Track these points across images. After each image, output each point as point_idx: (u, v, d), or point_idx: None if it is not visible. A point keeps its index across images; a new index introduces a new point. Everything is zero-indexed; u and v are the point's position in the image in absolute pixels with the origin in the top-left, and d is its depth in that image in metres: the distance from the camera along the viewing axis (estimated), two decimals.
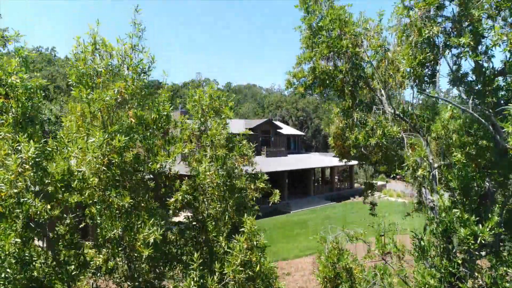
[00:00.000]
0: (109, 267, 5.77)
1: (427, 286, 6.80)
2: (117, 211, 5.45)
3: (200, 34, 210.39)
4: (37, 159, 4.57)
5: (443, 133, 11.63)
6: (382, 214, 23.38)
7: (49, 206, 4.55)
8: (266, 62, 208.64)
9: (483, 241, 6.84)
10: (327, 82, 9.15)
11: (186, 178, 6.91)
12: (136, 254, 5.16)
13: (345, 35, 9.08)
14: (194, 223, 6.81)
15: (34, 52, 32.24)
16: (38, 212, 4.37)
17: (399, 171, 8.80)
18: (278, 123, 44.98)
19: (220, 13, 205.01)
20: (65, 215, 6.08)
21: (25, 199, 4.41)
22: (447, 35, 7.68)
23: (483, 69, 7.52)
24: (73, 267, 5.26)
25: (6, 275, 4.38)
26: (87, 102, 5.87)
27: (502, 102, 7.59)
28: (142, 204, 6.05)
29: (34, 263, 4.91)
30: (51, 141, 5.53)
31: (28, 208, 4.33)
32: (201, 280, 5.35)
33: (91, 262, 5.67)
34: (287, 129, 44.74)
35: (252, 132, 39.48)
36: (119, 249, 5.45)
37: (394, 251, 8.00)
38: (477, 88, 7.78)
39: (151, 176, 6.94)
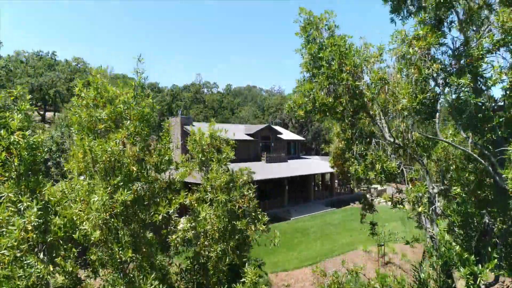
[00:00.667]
0: None
1: None
2: (119, 261, 5.49)
3: (200, 35, 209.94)
4: (39, 220, 4.60)
5: (443, 155, 11.67)
6: (381, 223, 23.32)
7: (51, 268, 4.59)
8: (267, 63, 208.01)
9: (482, 281, 6.90)
10: (327, 113, 9.18)
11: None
12: None
13: (345, 66, 9.09)
14: (195, 264, 6.86)
15: (35, 57, 32.54)
16: (41, 276, 4.42)
17: (400, 206, 8.85)
18: (278, 128, 45.01)
19: (221, 14, 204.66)
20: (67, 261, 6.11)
21: (28, 261, 4.46)
22: (446, 72, 7.70)
23: (483, 107, 7.55)
24: None
25: None
26: (89, 149, 5.90)
27: (501, 139, 7.62)
28: (144, 249, 6.08)
29: None
30: (53, 191, 5.56)
31: (30, 273, 4.37)
32: None
33: None
34: (287, 134, 44.77)
35: (252, 138, 39.51)
36: None
37: (395, 286, 8.03)
38: (476, 120, 7.80)
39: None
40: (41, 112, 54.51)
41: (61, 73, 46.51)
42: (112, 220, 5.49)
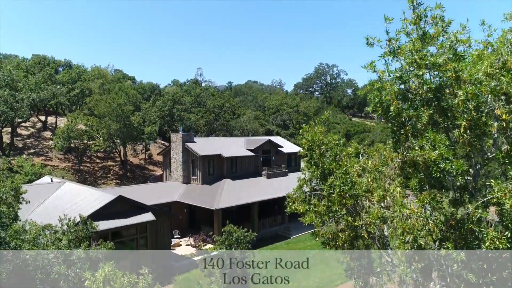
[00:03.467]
0: None
1: None
2: None
3: (199, 31, 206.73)
4: None
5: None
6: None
7: None
8: (266, 56, 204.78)
9: None
10: (327, 245, 9.50)
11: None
12: None
13: (345, 199, 9.30)
14: None
15: (36, 65, 32.48)
16: None
17: None
18: (278, 140, 45.26)
19: (221, 10, 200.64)
20: None
21: None
22: (442, 233, 7.95)
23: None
24: None
25: None
26: None
27: None
28: None
29: None
30: None
31: None
32: None
33: None
34: (287, 146, 45.00)
35: (253, 154, 39.83)
36: None
37: None
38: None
39: None
40: (42, 119, 54.55)
41: (61, 86, 46.37)
42: None
